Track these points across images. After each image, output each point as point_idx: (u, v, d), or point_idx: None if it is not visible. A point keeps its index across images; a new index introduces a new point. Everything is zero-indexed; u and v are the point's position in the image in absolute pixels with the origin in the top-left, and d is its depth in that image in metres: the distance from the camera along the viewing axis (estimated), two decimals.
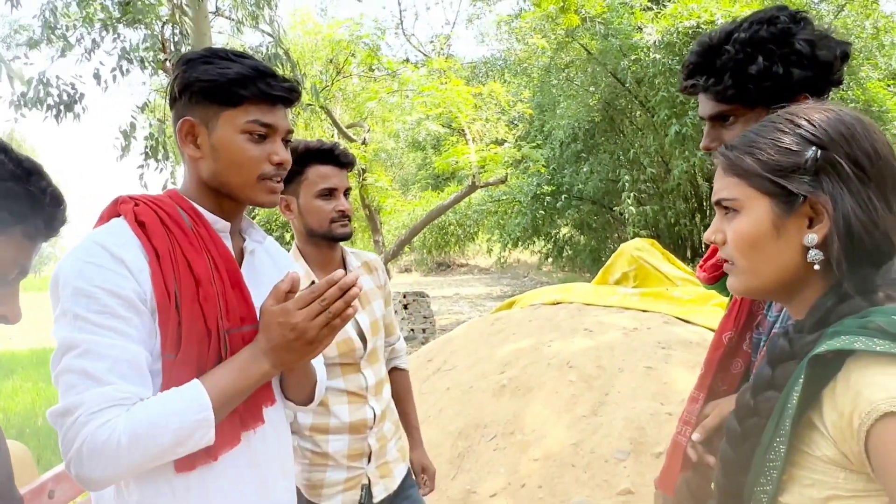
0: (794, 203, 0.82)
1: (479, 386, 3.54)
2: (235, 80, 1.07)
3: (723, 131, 1.23)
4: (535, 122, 14.12)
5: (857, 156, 0.80)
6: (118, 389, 0.93)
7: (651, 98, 12.29)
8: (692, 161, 11.55)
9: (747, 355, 1.19)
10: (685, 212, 13.28)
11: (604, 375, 3.21)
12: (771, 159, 0.84)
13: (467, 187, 9.95)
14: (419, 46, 13.14)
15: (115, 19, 6.18)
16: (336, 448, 1.79)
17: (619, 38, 12.09)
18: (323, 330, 0.99)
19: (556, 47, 12.74)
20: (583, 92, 12.98)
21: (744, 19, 1.20)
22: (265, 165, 1.10)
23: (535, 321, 4.17)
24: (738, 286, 0.91)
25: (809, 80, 1.14)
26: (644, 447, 2.72)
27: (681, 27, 11.24)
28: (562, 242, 15.77)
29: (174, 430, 0.94)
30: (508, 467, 2.90)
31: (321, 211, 1.77)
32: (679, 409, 2.89)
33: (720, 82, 1.17)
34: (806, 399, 0.76)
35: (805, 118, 0.85)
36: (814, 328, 0.81)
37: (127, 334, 0.97)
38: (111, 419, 0.91)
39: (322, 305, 0.98)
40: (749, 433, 0.83)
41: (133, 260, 1.01)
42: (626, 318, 3.84)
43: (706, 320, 3.62)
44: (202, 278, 1.05)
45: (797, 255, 0.83)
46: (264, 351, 1.02)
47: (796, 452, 0.78)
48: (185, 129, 1.10)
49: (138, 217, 1.05)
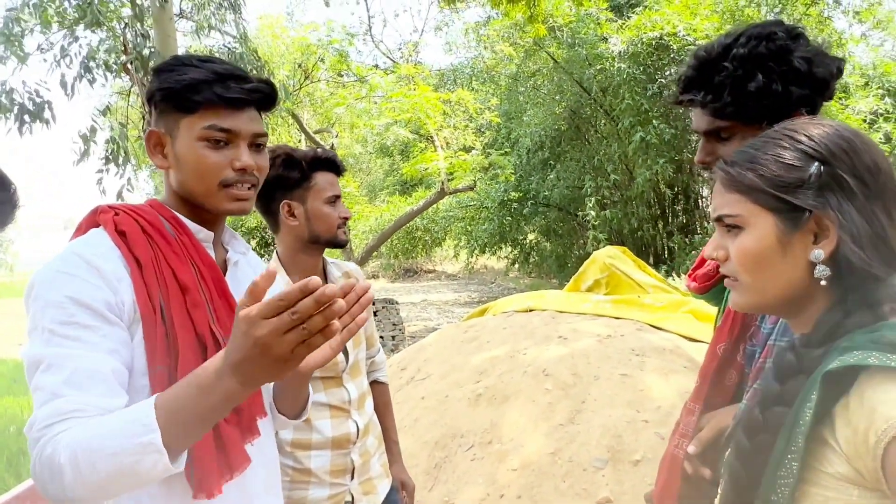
0: (800, 219, 0.82)
1: (454, 395, 3.51)
2: (189, 86, 1.04)
3: (718, 146, 1.23)
4: (503, 130, 14.24)
5: (859, 170, 0.81)
6: (69, 401, 0.86)
7: (616, 107, 12.52)
8: (655, 169, 11.80)
9: (741, 367, 1.20)
10: (648, 218, 13.54)
11: (580, 383, 3.22)
12: (774, 175, 0.83)
13: (436, 193, 9.95)
14: (388, 53, 13.13)
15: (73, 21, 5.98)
16: (318, 464, 1.75)
17: (585, 47, 12.29)
18: (298, 348, 0.76)
19: (524, 55, 12.88)
20: (549, 100, 13.15)
21: (739, 34, 1.19)
22: (226, 172, 1.06)
23: (509, 328, 4.17)
24: (741, 302, 0.90)
25: (806, 96, 1.16)
26: (622, 455, 2.73)
27: (645, 38, 11.51)
28: (528, 248, 15.90)
29: (111, 454, 0.79)
30: (486, 477, 2.88)
31: (330, 217, 1.77)
32: (655, 416, 2.93)
33: (719, 99, 1.17)
34: (817, 415, 0.76)
35: (804, 134, 0.85)
36: (821, 342, 0.81)
37: (91, 343, 0.91)
38: (57, 433, 0.83)
39: (293, 319, 0.75)
40: (758, 449, 0.82)
41: (112, 270, 0.97)
42: (600, 326, 3.87)
43: (677, 327, 3.68)
44: (189, 286, 1.01)
45: (803, 271, 0.83)
46: (228, 366, 0.80)
47: (807, 469, 0.77)
48: (153, 140, 1.08)
49: (118, 226, 1.02)
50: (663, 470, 1.25)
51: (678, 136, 12.22)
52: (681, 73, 1.27)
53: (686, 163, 13.03)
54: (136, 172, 7.49)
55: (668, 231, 13.26)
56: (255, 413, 1.08)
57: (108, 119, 6.49)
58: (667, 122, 11.82)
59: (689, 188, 13.56)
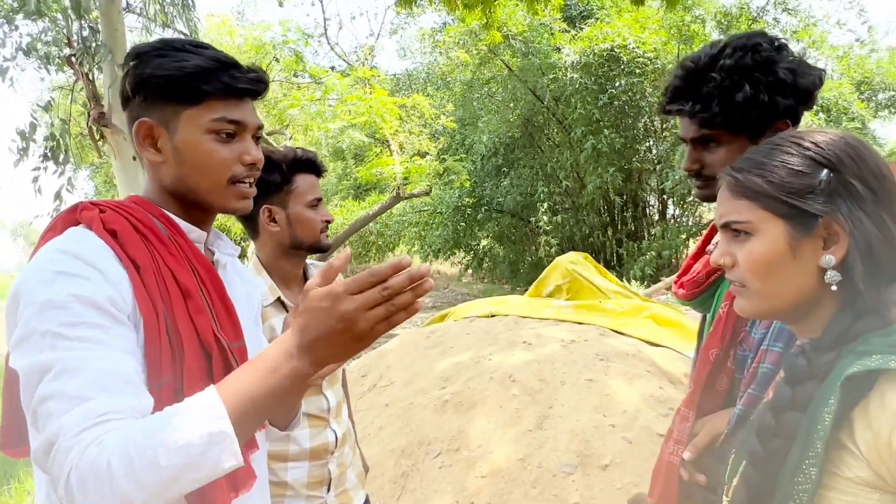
0: (810, 224, 0.83)
1: (419, 402, 3.47)
2: (195, 74, 0.96)
3: (705, 154, 1.25)
4: (457, 136, 14.30)
5: (866, 176, 0.82)
6: (100, 403, 0.77)
7: (568, 115, 12.76)
8: (605, 177, 12.08)
9: (731, 372, 1.21)
10: (598, 225, 13.83)
11: (546, 389, 3.24)
12: (784, 181, 0.84)
13: (392, 198, 9.89)
14: (343, 56, 12.96)
15: (11, 10, 5.65)
16: (295, 476, 1.69)
17: (539, 56, 12.50)
18: (379, 325, 0.77)
19: (479, 62, 12.98)
20: (503, 107, 13.28)
21: (725, 45, 1.22)
22: (236, 167, 1.01)
23: (473, 334, 4.16)
24: (749, 308, 0.90)
25: (791, 107, 1.19)
26: (590, 460, 2.75)
27: (596, 49, 11.79)
28: (482, 254, 15.99)
29: (179, 447, 0.72)
30: (455, 485, 2.85)
31: (313, 221, 1.71)
32: (621, 420, 2.96)
33: (707, 108, 1.19)
34: (837, 419, 0.76)
35: (811, 141, 0.87)
36: (832, 347, 0.81)
37: (107, 344, 0.82)
38: (99, 437, 0.74)
39: (383, 295, 0.76)
40: (773, 455, 0.82)
41: (111, 270, 0.88)
42: (563, 331, 3.90)
43: (639, 332, 3.75)
44: (191, 290, 0.93)
45: (812, 276, 0.84)
46: (299, 345, 0.78)
47: (826, 474, 0.77)
48: (143, 131, 0.99)
49: (107, 225, 0.92)
50: (659, 477, 1.24)
51: (628, 145, 12.56)
52: (668, 83, 1.28)
53: (635, 171, 13.39)
54: (76, 172, 7.13)
55: (618, 238, 13.57)
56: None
57: (49, 114, 6.16)
58: (617, 132, 12.13)
59: (637, 196, 13.93)
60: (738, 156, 1.22)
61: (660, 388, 3.19)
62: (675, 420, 1.25)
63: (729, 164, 1.23)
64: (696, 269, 1.40)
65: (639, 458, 2.74)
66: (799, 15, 12.03)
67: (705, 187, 1.28)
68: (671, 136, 12.54)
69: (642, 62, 11.93)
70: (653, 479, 1.30)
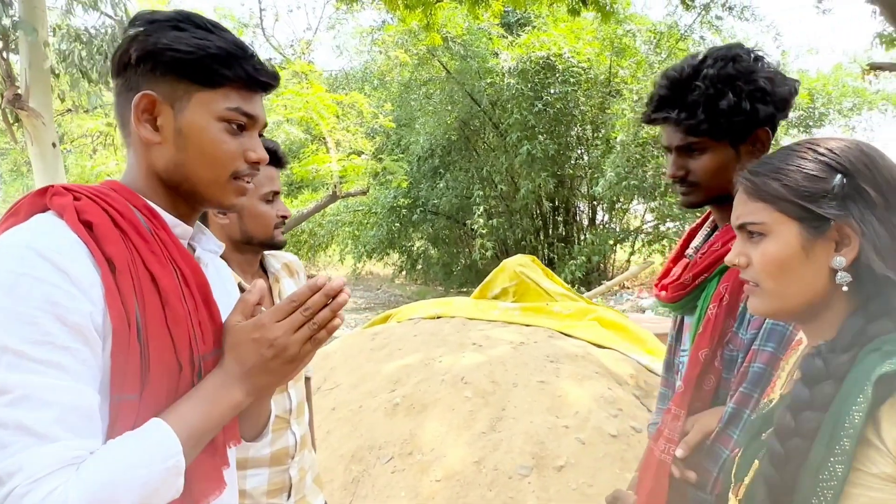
0: (823, 227, 0.85)
1: (368, 405, 3.38)
2: (218, 57, 0.88)
3: (689, 161, 1.28)
4: (393, 136, 14.20)
5: (879, 183, 0.85)
6: (67, 447, 0.72)
7: (504, 120, 12.95)
8: (538, 181, 12.35)
9: (719, 372, 1.24)
10: (531, 229, 14.12)
11: (499, 390, 3.23)
12: (799, 185, 0.87)
13: (328, 197, 9.68)
14: (279, 49, 12.56)
15: None
16: (254, 484, 1.60)
17: (477, 60, 12.62)
18: (306, 345, 0.84)
19: (417, 63, 12.95)
20: (441, 109, 13.32)
21: (705, 56, 1.27)
22: (240, 163, 0.93)
23: (420, 336, 4.10)
24: (761, 308, 0.93)
25: (770, 114, 1.24)
26: (546, 461, 2.76)
27: (533, 56, 12.03)
28: (416, 255, 15.95)
29: (139, 486, 0.74)
30: (409, 490, 2.79)
31: (266, 216, 1.61)
32: (574, 422, 2.99)
33: (693, 116, 1.22)
34: (866, 417, 0.77)
35: (826, 147, 0.89)
36: (846, 348, 0.83)
37: (74, 372, 0.74)
38: (59, 486, 0.70)
39: (305, 315, 0.84)
40: (792, 454, 0.83)
41: (82, 273, 0.77)
42: (511, 333, 3.92)
43: (585, 334, 3.82)
44: (170, 296, 0.84)
45: (824, 278, 0.86)
46: (235, 376, 0.85)
47: (850, 470, 0.78)
48: (144, 104, 0.88)
49: (82, 216, 0.81)
50: (647, 477, 1.25)
51: (561, 152, 12.88)
52: (653, 92, 1.31)
53: (567, 178, 13.76)
54: None
55: (550, 242, 13.90)
56: (228, 440, 0.93)
57: None
58: (551, 139, 12.43)
59: (569, 202, 14.32)
60: (721, 162, 1.25)
61: (608, 388, 3.25)
62: (666, 419, 1.26)
63: (712, 171, 1.27)
64: (676, 273, 1.41)
65: (592, 459, 2.78)
66: (722, 35, 12.73)
67: (689, 193, 1.31)
68: (602, 144, 12.97)
69: (576, 72, 12.28)
70: (640, 477, 1.30)
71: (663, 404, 1.49)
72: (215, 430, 0.85)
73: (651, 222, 14.21)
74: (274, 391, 1.00)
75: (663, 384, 1.50)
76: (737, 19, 12.54)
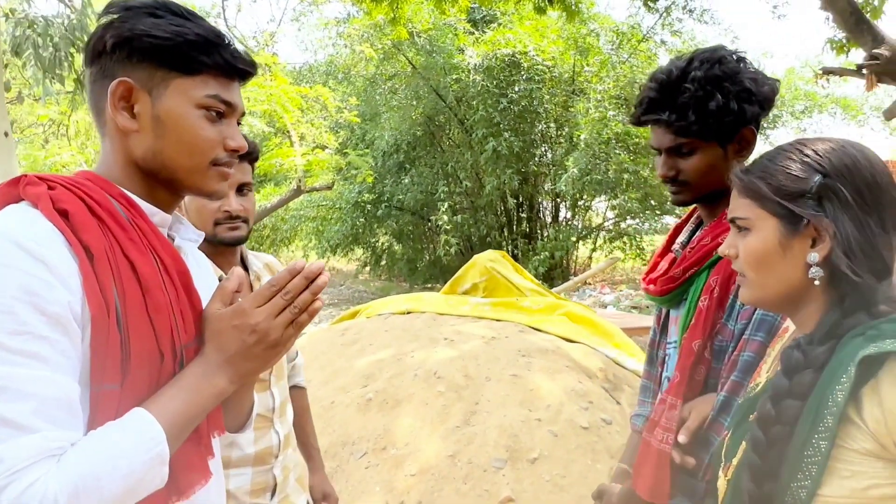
0: (799, 225, 0.90)
1: (341, 400, 3.36)
2: (196, 44, 0.88)
3: (679, 161, 1.31)
4: (357, 131, 14.08)
5: (857, 184, 0.90)
6: (47, 438, 0.71)
7: (469, 117, 12.98)
8: (503, 178, 12.43)
9: (708, 362, 1.27)
10: (495, 225, 14.21)
11: (472, 385, 3.25)
12: (780, 184, 0.92)
13: (292, 191, 9.55)
14: (242, 40, 12.28)
15: None
16: (237, 484, 1.57)
17: (443, 56, 12.61)
18: (288, 329, 0.84)
19: (383, 58, 12.87)
20: (406, 105, 13.27)
21: (691, 58, 1.30)
22: (219, 150, 0.93)
23: (391, 331, 4.10)
24: (747, 297, 0.99)
25: (756, 114, 1.28)
26: (519, 454, 2.80)
27: (499, 54, 12.09)
28: (380, 251, 15.87)
29: (123, 476, 0.74)
30: (383, 485, 2.79)
31: (204, 211, 1.55)
32: (546, 414, 3.04)
33: (683, 118, 1.25)
34: (849, 397, 0.82)
35: (812, 148, 0.94)
36: (823, 340, 0.88)
37: (53, 362, 0.73)
38: (40, 477, 0.69)
39: (286, 300, 0.84)
40: (774, 440, 0.88)
41: (60, 262, 0.76)
42: (482, 328, 3.94)
43: (555, 329, 3.87)
44: (150, 284, 0.83)
45: (800, 272, 0.91)
46: (217, 364, 0.85)
47: (833, 446, 0.83)
48: (121, 91, 0.87)
49: (58, 204, 0.80)
50: (648, 466, 1.27)
51: (525, 149, 13.00)
52: (642, 95, 1.33)
53: (531, 175, 13.89)
54: None
55: (513, 238, 14.01)
56: (213, 427, 0.93)
57: None
58: (516, 136, 12.52)
59: (532, 199, 14.46)
60: (710, 162, 1.29)
61: (579, 382, 3.31)
62: (660, 409, 1.29)
63: (702, 170, 1.30)
64: (663, 267, 1.45)
65: (564, 451, 2.83)
66: (683, 38, 13.03)
67: (680, 192, 1.34)
68: (565, 142, 13.15)
69: (541, 70, 12.40)
70: (637, 468, 1.33)
71: (645, 396, 1.53)
72: (199, 419, 0.85)
73: (612, 219, 14.49)
74: (257, 378, 1.00)
75: (646, 377, 1.54)
76: (696, 22, 12.87)
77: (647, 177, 11.75)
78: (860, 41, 4.75)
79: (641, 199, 12.69)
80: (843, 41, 6.25)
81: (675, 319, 1.39)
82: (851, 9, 4.59)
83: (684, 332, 1.29)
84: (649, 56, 12.57)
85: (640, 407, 1.53)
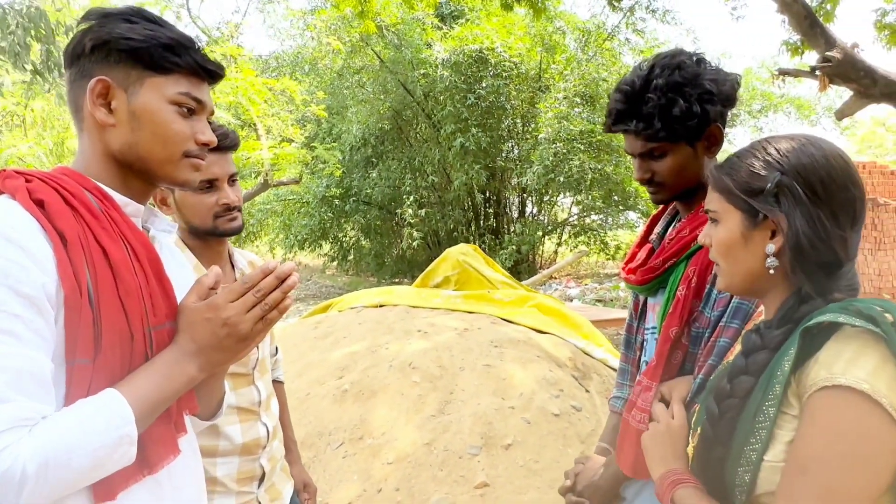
0: (758, 218, 0.99)
1: (317, 392, 3.39)
2: (169, 46, 0.97)
3: (653, 164, 1.39)
4: (324, 125, 13.98)
5: (811, 182, 0.97)
6: (20, 407, 0.76)
7: (437, 112, 13.02)
8: (471, 174, 12.51)
9: (685, 347, 1.34)
10: (462, 220, 14.30)
11: (446, 375, 3.32)
12: (743, 181, 1.01)
13: (259, 185, 9.45)
14: (206, 31, 12.05)
15: None
16: (225, 472, 1.61)
17: (411, 50, 12.61)
18: (258, 324, 0.91)
19: (350, 51, 12.79)
20: (374, 98, 13.23)
21: (651, 65, 1.36)
22: (190, 143, 1.00)
23: (365, 324, 4.14)
24: (719, 283, 1.08)
25: (720, 112, 1.36)
26: (494, 440, 2.88)
27: (466, 49, 12.15)
28: (348, 246, 15.80)
29: (92, 451, 0.79)
30: (361, 473, 2.84)
31: (201, 206, 1.57)
32: (519, 402, 3.13)
33: (650, 126, 1.32)
34: (795, 365, 0.90)
35: (775, 147, 1.02)
36: (779, 324, 0.97)
37: (27, 339, 0.79)
38: (11, 444, 0.74)
39: (257, 297, 0.90)
40: (725, 412, 0.97)
41: (36, 248, 0.82)
42: (455, 320, 4.01)
43: (526, 320, 3.97)
44: (121, 269, 0.89)
45: (760, 262, 1.00)
46: (189, 353, 0.91)
47: (779, 414, 0.91)
48: (99, 89, 0.95)
49: (34, 195, 0.86)
50: (630, 445, 1.35)
51: (493, 144, 13.11)
52: (610, 106, 1.40)
53: (499, 170, 14.02)
54: None
55: (481, 233, 14.12)
56: (183, 407, 0.98)
57: None
58: (483, 131, 12.61)
59: (500, 194, 14.60)
60: (681, 162, 1.37)
61: (550, 371, 3.41)
62: (636, 390, 1.37)
63: (675, 171, 1.38)
64: (641, 257, 1.53)
65: (537, 437, 2.92)
66: (645, 37, 13.31)
67: (657, 192, 1.42)
68: (531, 138, 13.31)
69: (508, 66, 12.51)
70: (619, 445, 1.40)
71: (623, 379, 1.61)
72: (168, 403, 0.90)
73: (577, 215, 14.72)
74: (227, 368, 1.06)
75: (623, 360, 1.62)
76: (659, 22, 13.16)
77: (609, 173, 11.98)
78: (814, 44, 4.96)
79: (605, 196, 12.93)
80: (797, 44, 6.50)
81: (654, 307, 1.47)
82: (806, 12, 4.79)
83: (663, 320, 1.37)
84: (614, 55, 12.80)
85: (618, 389, 1.61)
